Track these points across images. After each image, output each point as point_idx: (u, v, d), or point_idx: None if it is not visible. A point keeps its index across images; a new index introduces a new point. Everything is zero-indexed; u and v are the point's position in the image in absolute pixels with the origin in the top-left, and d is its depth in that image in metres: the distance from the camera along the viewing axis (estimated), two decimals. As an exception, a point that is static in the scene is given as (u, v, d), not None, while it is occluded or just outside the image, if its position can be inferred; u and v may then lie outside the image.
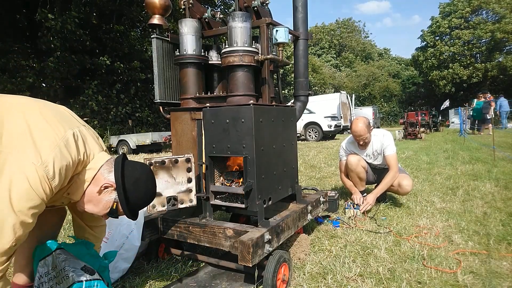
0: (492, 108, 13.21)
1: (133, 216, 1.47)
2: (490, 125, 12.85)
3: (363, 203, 3.33)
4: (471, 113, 14.70)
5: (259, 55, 2.18)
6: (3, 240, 1.10)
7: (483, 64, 29.82)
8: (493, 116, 12.88)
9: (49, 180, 1.16)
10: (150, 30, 13.06)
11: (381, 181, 3.40)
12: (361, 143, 3.38)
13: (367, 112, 21.94)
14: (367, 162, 3.61)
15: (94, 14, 13.02)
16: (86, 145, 1.34)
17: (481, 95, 14.30)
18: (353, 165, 3.50)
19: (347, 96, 18.36)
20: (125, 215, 1.43)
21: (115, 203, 1.38)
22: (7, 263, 1.15)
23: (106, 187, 1.36)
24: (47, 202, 1.23)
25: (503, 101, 15.00)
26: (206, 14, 2.43)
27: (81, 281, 1.44)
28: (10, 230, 1.10)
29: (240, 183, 2.06)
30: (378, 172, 3.71)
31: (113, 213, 1.41)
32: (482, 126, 13.93)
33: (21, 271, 1.59)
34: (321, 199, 2.74)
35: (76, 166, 1.30)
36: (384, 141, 3.43)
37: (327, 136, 14.73)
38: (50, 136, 1.21)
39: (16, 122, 1.19)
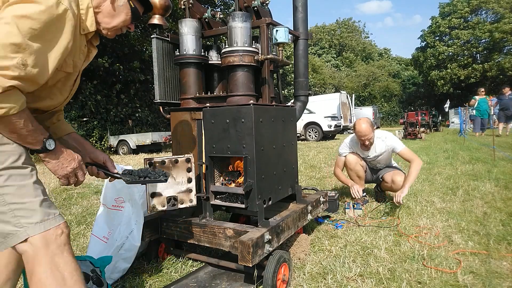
0: None
1: (148, 4, 1.49)
2: (501, 124, 12.22)
3: (361, 195, 3.32)
4: (475, 113, 13.09)
5: (259, 55, 2.19)
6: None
7: (480, 65, 29.80)
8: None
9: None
10: (150, 30, 13.07)
11: (408, 174, 3.26)
12: (366, 143, 3.37)
13: (367, 112, 21.96)
14: (366, 162, 3.62)
15: (94, 14, 13.03)
16: None
17: (483, 91, 13.15)
18: (352, 164, 3.51)
19: (347, 96, 18.36)
20: (143, 10, 1.46)
21: (130, 1, 1.39)
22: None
23: None
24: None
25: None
26: (206, 14, 2.43)
27: None
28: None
29: (239, 182, 2.06)
30: (376, 171, 3.72)
31: (135, 13, 1.42)
32: (500, 123, 12.42)
33: None
34: (321, 199, 2.74)
35: None
36: (388, 143, 3.42)
37: (327, 136, 14.73)
38: None
39: None
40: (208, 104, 2.19)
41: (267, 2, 2.34)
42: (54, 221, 1.13)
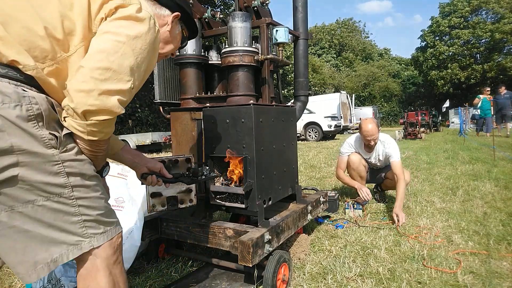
0: None
1: (197, 32, 1.48)
2: (499, 125, 12.00)
3: (370, 198, 3.31)
4: (479, 113, 12.69)
5: (259, 55, 2.18)
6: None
7: (480, 66, 29.79)
8: None
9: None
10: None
11: (396, 194, 3.17)
12: (372, 143, 3.35)
13: (367, 112, 21.95)
14: (367, 162, 3.62)
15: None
16: None
17: (488, 90, 12.64)
18: (355, 163, 3.50)
19: (347, 96, 18.37)
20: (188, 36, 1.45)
21: (183, 30, 1.38)
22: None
23: (175, 18, 1.29)
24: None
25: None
26: (206, 14, 2.43)
27: None
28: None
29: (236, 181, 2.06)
30: (375, 172, 3.72)
31: (184, 41, 1.41)
32: (498, 125, 12.13)
33: None
34: (321, 199, 2.74)
35: None
36: (387, 150, 3.39)
37: (327, 136, 14.73)
38: None
39: None
40: (208, 104, 2.19)
41: (267, 2, 2.34)
42: (115, 229, 1.10)
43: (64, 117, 0.96)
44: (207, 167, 1.73)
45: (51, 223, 0.95)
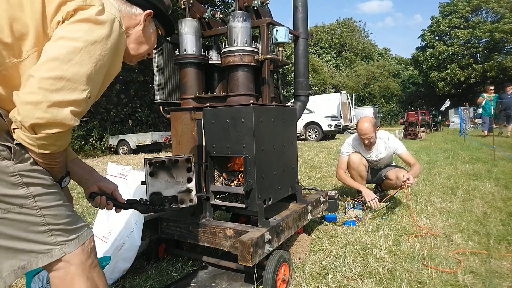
0: None
1: (173, 30, 1.39)
2: (501, 124, 11.78)
3: (378, 204, 3.29)
4: (480, 111, 12.47)
5: (259, 55, 2.18)
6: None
7: (480, 65, 29.79)
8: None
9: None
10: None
11: (410, 169, 3.32)
12: (366, 142, 3.37)
13: (367, 112, 21.94)
14: (368, 160, 3.62)
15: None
16: None
17: (491, 89, 12.26)
18: (355, 163, 3.50)
19: (347, 96, 18.36)
20: (164, 36, 1.36)
21: (157, 29, 1.29)
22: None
23: (147, 17, 1.21)
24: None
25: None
26: (206, 14, 2.43)
27: None
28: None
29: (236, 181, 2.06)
30: (375, 172, 3.72)
31: (160, 40, 1.33)
32: (500, 125, 11.90)
33: None
34: (321, 199, 2.74)
35: None
36: (391, 145, 3.41)
37: (327, 136, 14.73)
38: None
39: None
40: (208, 104, 2.19)
41: (267, 1, 2.34)
42: (86, 234, 1.08)
43: (14, 129, 0.90)
44: (170, 197, 1.66)
45: (15, 235, 0.92)
